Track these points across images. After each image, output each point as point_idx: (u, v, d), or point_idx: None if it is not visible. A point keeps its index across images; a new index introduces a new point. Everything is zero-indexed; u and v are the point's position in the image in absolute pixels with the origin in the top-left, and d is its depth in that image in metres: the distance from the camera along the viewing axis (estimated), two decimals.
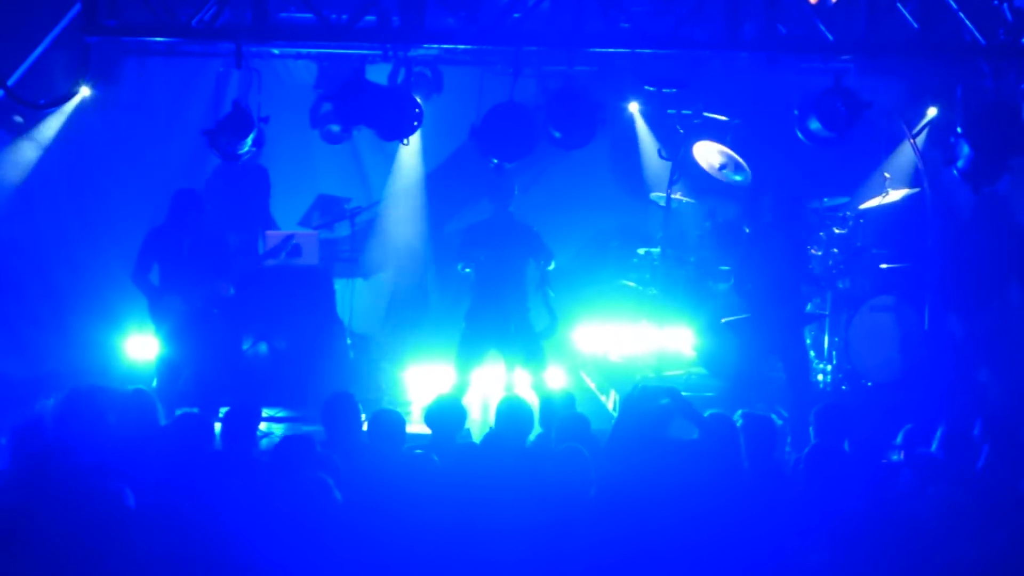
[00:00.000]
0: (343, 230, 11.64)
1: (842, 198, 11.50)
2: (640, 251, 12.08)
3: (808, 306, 10.88)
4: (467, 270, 9.74)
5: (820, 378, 11.13)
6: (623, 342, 12.00)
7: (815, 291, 10.69)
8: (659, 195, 11.60)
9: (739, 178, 11.60)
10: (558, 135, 8.93)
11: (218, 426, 7.43)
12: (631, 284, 12.13)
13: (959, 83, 8.97)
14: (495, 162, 9.00)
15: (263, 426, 8.99)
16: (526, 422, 7.43)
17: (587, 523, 5.94)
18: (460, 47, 8.99)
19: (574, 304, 11.86)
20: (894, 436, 7.43)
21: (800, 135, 9.15)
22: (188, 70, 12.06)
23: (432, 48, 9.08)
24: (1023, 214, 10.92)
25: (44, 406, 7.64)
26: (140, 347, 10.64)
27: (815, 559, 5.76)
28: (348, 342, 11.23)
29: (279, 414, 10.15)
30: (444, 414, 7.54)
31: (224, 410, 7.65)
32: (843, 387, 11.08)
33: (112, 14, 8.46)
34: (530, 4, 8.62)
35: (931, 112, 11.24)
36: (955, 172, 8.75)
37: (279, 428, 9.86)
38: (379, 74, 9.42)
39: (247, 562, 5.66)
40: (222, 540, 5.73)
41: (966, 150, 8.60)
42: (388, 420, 7.35)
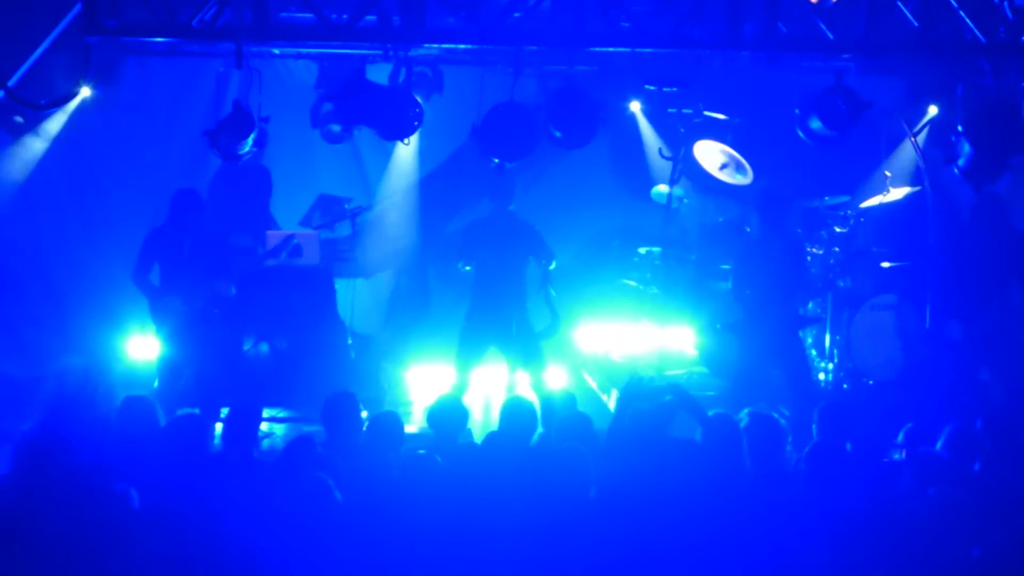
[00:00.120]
0: (344, 230, 11.62)
1: (843, 197, 11.49)
2: (641, 250, 12.05)
3: (810, 304, 10.89)
4: (467, 268, 9.74)
5: (821, 377, 11.13)
6: (624, 341, 11.98)
7: (813, 292, 10.68)
8: (659, 190, 11.58)
9: (740, 177, 11.59)
10: (559, 135, 8.93)
11: (219, 426, 7.43)
12: (632, 283, 12.11)
13: (959, 81, 8.98)
14: (496, 162, 9.00)
15: (264, 426, 9.00)
16: (530, 423, 7.42)
17: (587, 523, 5.93)
18: (460, 47, 9.00)
19: (575, 303, 11.83)
20: (895, 435, 7.43)
21: (801, 134, 9.16)
22: (188, 70, 12.03)
23: (432, 48, 9.09)
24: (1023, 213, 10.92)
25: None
26: (141, 348, 10.64)
27: (816, 558, 5.76)
28: (349, 342, 11.22)
29: (280, 414, 10.15)
30: (446, 414, 7.54)
31: (225, 410, 7.64)
32: (844, 386, 11.07)
33: (112, 14, 8.47)
34: (530, 4, 8.62)
35: (932, 111, 11.24)
36: (956, 170, 8.76)
37: (280, 428, 9.86)
38: (379, 74, 9.42)
39: (247, 562, 5.66)
40: (222, 540, 5.73)
41: (967, 148, 8.61)
42: (386, 422, 7.34)
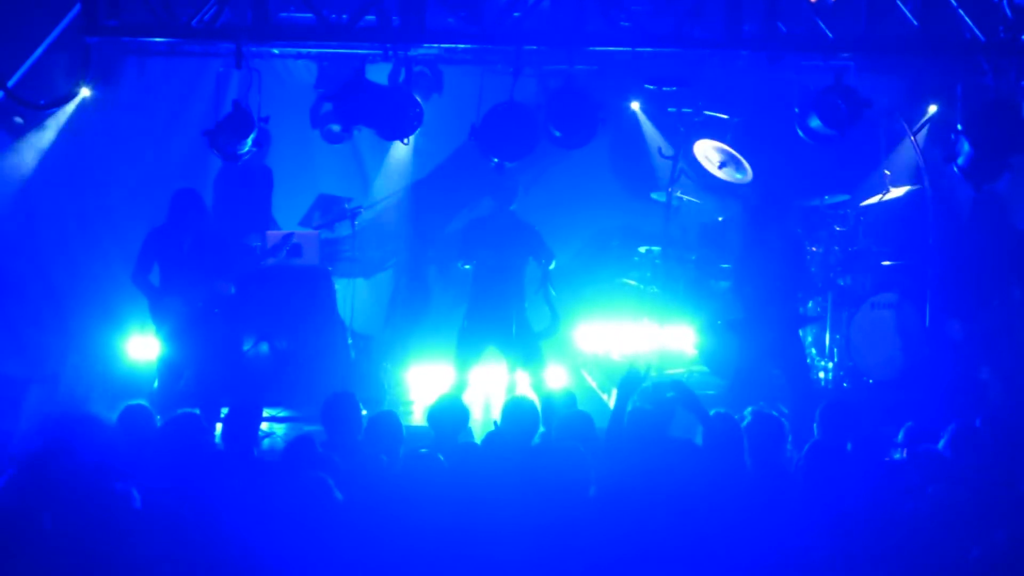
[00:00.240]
0: (344, 230, 11.63)
1: (843, 196, 11.50)
2: (641, 249, 12.05)
3: (809, 303, 10.89)
4: (467, 266, 9.74)
5: (821, 376, 11.13)
6: (625, 341, 11.98)
7: (813, 291, 10.68)
8: (661, 194, 11.60)
9: (740, 176, 11.59)
10: (559, 134, 8.92)
11: (219, 426, 7.43)
12: (632, 283, 12.11)
13: (959, 80, 8.97)
14: (495, 162, 9.00)
15: (264, 426, 9.00)
16: (531, 423, 7.42)
17: (587, 522, 5.92)
18: (460, 46, 9.00)
19: (575, 303, 11.84)
20: (895, 434, 7.43)
21: (801, 133, 9.15)
22: (188, 70, 12.05)
23: (432, 48, 9.09)
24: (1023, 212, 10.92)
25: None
26: (141, 348, 10.63)
27: (816, 557, 5.76)
28: (349, 342, 11.22)
29: (280, 414, 10.15)
30: (447, 414, 7.54)
31: (225, 410, 7.64)
32: (844, 385, 11.07)
33: (112, 14, 8.47)
34: (530, 3, 8.61)
35: (931, 109, 11.26)
36: (955, 169, 8.75)
37: (280, 428, 9.86)
38: (379, 74, 9.41)
39: (247, 562, 5.66)
40: (222, 540, 5.73)
41: (966, 147, 8.60)
42: (385, 423, 7.34)
